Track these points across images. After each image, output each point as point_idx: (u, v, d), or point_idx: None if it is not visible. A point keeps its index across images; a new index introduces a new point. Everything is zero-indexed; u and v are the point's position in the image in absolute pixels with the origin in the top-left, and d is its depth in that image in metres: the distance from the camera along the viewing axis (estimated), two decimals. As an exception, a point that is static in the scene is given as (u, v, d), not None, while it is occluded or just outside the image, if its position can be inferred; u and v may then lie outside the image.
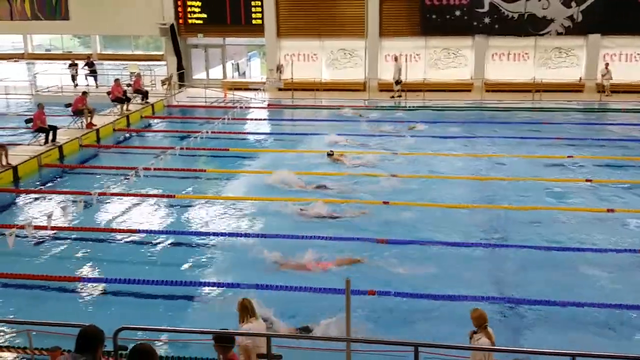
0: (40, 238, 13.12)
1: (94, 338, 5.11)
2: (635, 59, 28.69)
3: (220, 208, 14.95)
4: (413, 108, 26.06)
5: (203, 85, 28.99)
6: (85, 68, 31.51)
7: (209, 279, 11.21)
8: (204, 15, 30.65)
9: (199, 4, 30.53)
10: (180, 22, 30.97)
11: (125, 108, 24.51)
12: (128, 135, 23.25)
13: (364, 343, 7.85)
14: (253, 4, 30.03)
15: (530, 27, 28.44)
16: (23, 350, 8.56)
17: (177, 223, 14.14)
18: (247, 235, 13.02)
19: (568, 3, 27.94)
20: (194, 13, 30.71)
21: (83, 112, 21.86)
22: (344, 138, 20.79)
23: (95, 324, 5.28)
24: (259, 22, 30.19)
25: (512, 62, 29.55)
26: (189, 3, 30.60)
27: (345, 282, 7.08)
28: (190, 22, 30.89)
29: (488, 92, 27.94)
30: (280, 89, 29.32)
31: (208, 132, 19.52)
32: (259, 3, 29.95)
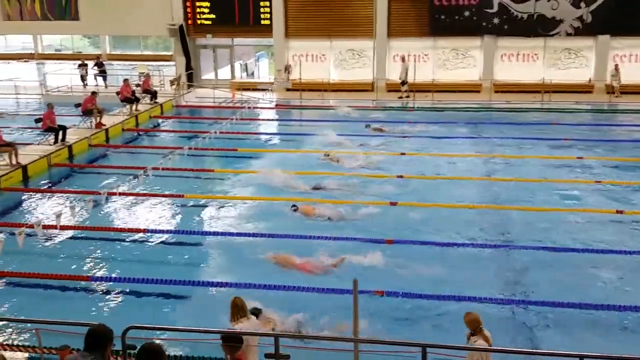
0: (50, 237, 13.17)
1: (103, 337, 5.13)
2: (645, 60, 28.59)
3: (229, 208, 14.96)
4: (421, 108, 26.04)
5: (211, 86, 29.07)
6: (95, 68, 31.64)
7: (218, 279, 11.20)
8: (213, 16, 30.73)
9: (208, 5, 30.61)
10: (189, 22, 31.06)
11: (134, 108, 24.60)
12: (137, 135, 23.34)
13: (372, 343, 7.84)
14: (261, 5, 30.09)
15: (540, 27, 28.34)
16: (32, 349, 8.59)
17: (185, 223, 14.17)
18: (254, 235, 13.02)
19: (577, 4, 27.83)
20: (203, 14, 30.79)
21: (92, 112, 21.95)
22: (345, 138, 20.86)
23: (104, 323, 5.30)
24: (267, 22, 30.25)
25: (521, 62, 29.46)
26: (198, 4, 30.69)
27: (353, 282, 7.08)
28: (199, 22, 30.97)
29: (497, 92, 27.87)
30: (288, 90, 29.34)
31: (216, 132, 19.56)
32: (268, 4, 30.01)
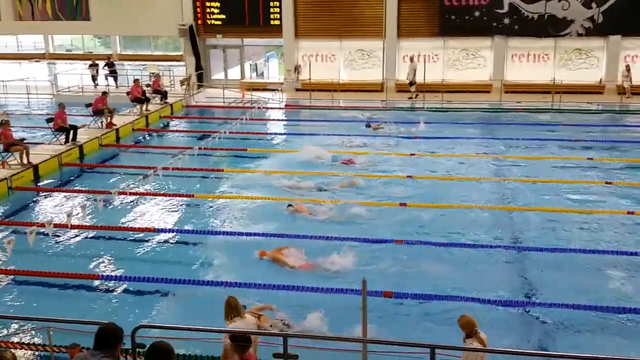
0: (60, 236, 13.25)
1: (113, 336, 5.16)
2: (657, 61, 28.43)
3: (238, 207, 14.98)
4: (431, 109, 26.01)
5: (221, 86, 29.13)
6: (106, 68, 31.81)
7: (227, 278, 11.21)
8: (223, 16, 30.82)
9: (218, 5, 30.71)
10: (199, 23, 31.16)
11: (145, 108, 24.69)
12: (147, 135, 23.44)
13: (380, 344, 7.85)
14: (271, 5, 30.15)
15: (550, 28, 28.24)
16: (42, 348, 8.65)
17: (195, 222, 14.21)
18: (263, 235, 13.03)
19: (588, 4, 27.69)
20: (213, 14, 30.89)
21: (103, 112, 22.06)
22: (352, 139, 20.91)
23: (114, 322, 5.33)
24: (277, 22, 30.31)
25: (531, 63, 29.38)
26: (208, 4, 30.79)
27: (362, 282, 7.09)
28: (209, 22, 31.07)
29: (507, 93, 27.77)
30: (298, 90, 29.38)
31: (226, 132, 19.63)
32: (277, 4, 30.06)
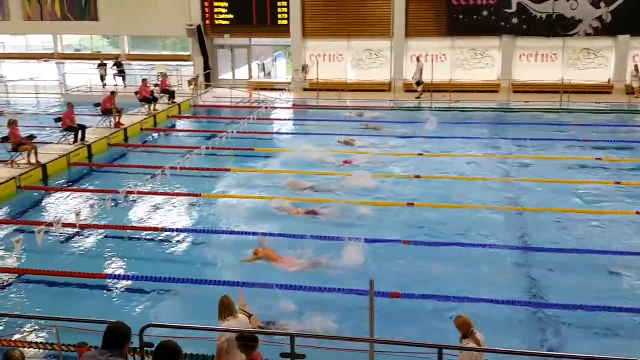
0: (69, 235, 13.30)
1: (121, 335, 5.17)
2: (666, 60, 28.27)
3: (245, 207, 14.98)
4: (439, 109, 25.98)
5: (229, 86, 29.20)
6: (114, 68, 31.91)
7: (235, 278, 11.20)
8: (231, 16, 30.88)
9: (226, 5, 30.76)
10: (207, 23, 31.23)
11: (153, 108, 24.76)
12: (155, 135, 23.50)
13: (388, 344, 7.83)
14: (279, 5, 30.19)
15: (559, 27, 28.14)
16: (51, 346, 8.68)
17: (203, 222, 14.24)
18: (272, 235, 13.03)
19: (597, 4, 27.59)
20: (221, 14, 30.96)
21: (111, 111, 22.13)
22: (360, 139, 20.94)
23: (122, 321, 5.35)
24: (285, 22, 30.35)
25: (540, 63, 29.30)
26: (216, 4, 30.86)
27: (370, 283, 7.09)
28: (217, 22, 31.15)
29: (515, 93, 27.71)
30: (306, 90, 29.41)
31: (234, 132, 19.67)
32: (285, 4, 30.10)
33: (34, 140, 18.15)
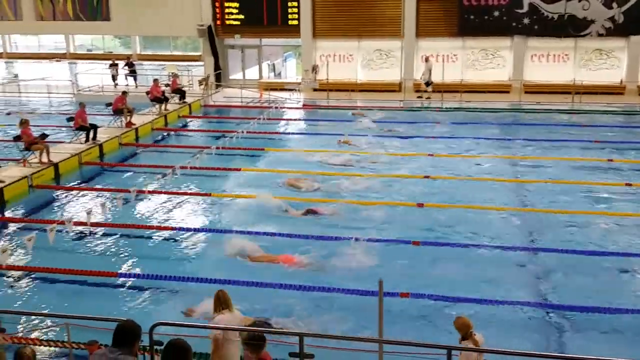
0: (80, 234, 13.38)
1: (131, 333, 5.21)
2: (679, 61, 28.07)
3: (255, 206, 14.99)
4: (449, 109, 25.93)
5: (239, 86, 29.24)
6: (125, 68, 32.05)
7: (245, 277, 11.23)
8: (242, 16, 30.93)
9: (237, 5, 30.82)
10: (218, 23, 31.30)
11: (164, 108, 24.86)
12: (166, 135, 23.59)
13: (397, 345, 7.83)
14: (290, 5, 30.21)
15: (571, 28, 27.99)
16: (61, 344, 8.73)
17: (213, 221, 14.28)
18: (280, 235, 13.05)
19: (609, 4, 27.42)
20: (232, 14, 31.01)
21: (123, 111, 22.24)
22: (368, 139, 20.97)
23: (132, 319, 5.38)
24: (295, 22, 30.36)
25: (551, 63, 29.14)
26: (227, 4, 30.91)
27: (379, 283, 7.09)
28: (228, 23, 31.20)
29: (527, 93, 27.58)
30: (316, 90, 29.42)
31: (244, 131, 19.71)
32: (296, 4, 30.11)
33: (46, 139, 18.24)
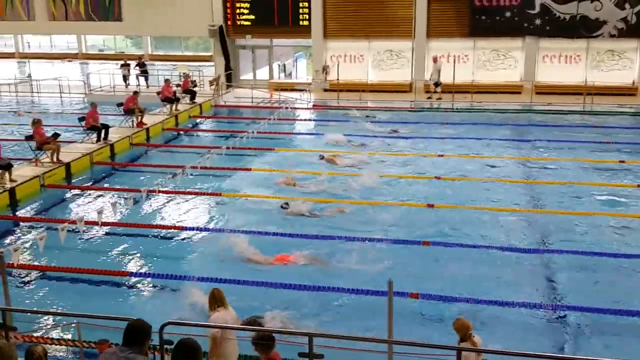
0: (91, 233, 13.45)
1: (142, 332, 5.23)
2: (693, 62, 27.86)
3: (265, 206, 15.02)
4: (460, 109, 25.86)
5: (250, 86, 29.30)
6: (137, 68, 32.18)
7: (255, 277, 11.26)
8: (252, 17, 30.97)
9: (248, 6, 30.87)
10: (229, 23, 31.36)
11: (175, 108, 24.94)
12: (177, 135, 23.67)
13: (406, 345, 7.81)
14: (300, 5, 30.22)
15: (583, 28, 27.83)
16: (72, 343, 8.79)
17: (223, 221, 14.31)
18: (290, 235, 13.06)
19: (621, 5, 27.24)
20: (243, 14, 31.05)
21: (134, 111, 22.33)
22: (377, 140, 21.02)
23: (142, 319, 5.40)
24: (306, 23, 30.37)
25: (563, 64, 28.98)
26: (238, 5, 30.96)
27: (388, 283, 7.08)
28: (239, 23, 31.25)
29: (538, 94, 27.45)
30: (326, 90, 29.41)
31: (254, 131, 19.74)
32: (306, 4, 30.12)
33: (58, 139, 18.34)
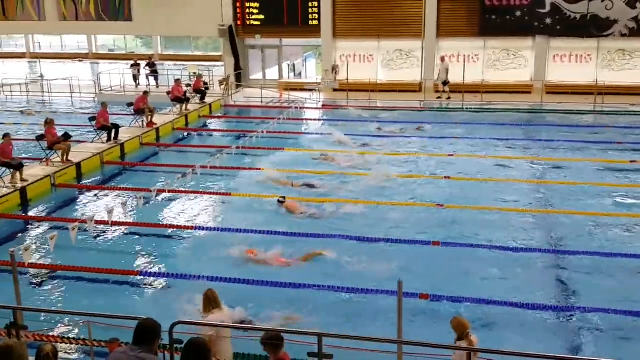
0: (101, 233, 13.50)
1: (152, 331, 5.24)
2: None
3: (274, 206, 15.02)
4: (470, 109, 25.78)
5: (259, 86, 29.33)
6: (147, 68, 32.29)
7: (263, 277, 11.27)
8: (262, 17, 31.01)
9: (257, 5, 30.90)
10: (239, 23, 31.40)
11: (185, 108, 25.00)
12: (186, 134, 23.73)
13: (416, 346, 7.80)
14: (310, 5, 30.22)
15: (593, 28, 27.69)
16: (82, 341, 8.82)
17: (232, 220, 14.31)
18: (299, 235, 13.07)
19: (633, 4, 27.09)
20: (253, 14, 31.09)
21: (144, 111, 22.40)
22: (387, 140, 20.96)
23: (152, 318, 5.41)
24: (316, 23, 30.37)
25: (573, 63, 28.84)
26: (248, 4, 31.00)
27: (398, 284, 7.07)
28: (249, 23, 31.29)
29: (548, 94, 27.33)
30: (335, 90, 29.40)
31: (264, 131, 19.75)
32: (316, 4, 30.12)
33: (69, 139, 18.42)
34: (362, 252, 12.06)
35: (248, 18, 31.23)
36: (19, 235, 13.72)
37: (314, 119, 26.00)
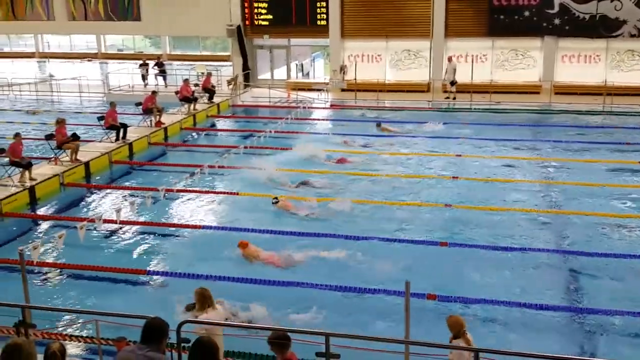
0: (110, 231, 13.55)
1: (159, 330, 5.26)
2: None
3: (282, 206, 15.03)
4: (478, 109, 25.72)
5: (267, 86, 29.36)
6: (155, 68, 32.38)
7: (271, 276, 11.27)
8: (270, 17, 31.03)
9: (266, 6, 30.93)
10: (247, 23, 31.44)
11: (193, 107, 25.05)
12: (194, 134, 23.78)
13: (423, 346, 7.78)
14: (318, 5, 30.23)
15: (602, 28, 27.57)
16: (90, 340, 8.86)
17: (240, 220, 14.33)
18: (307, 235, 13.07)
19: (643, 4, 26.98)
20: (261, 14, 31.12)
21: (152, 110, 22.46)
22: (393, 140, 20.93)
23: (160, 317, 5.43)
24: (324, 23, 30.37)
25: (582, 64, 28.72)
26: (256, 4, 31.03)
27: (405, 284, 7.06)
28: (257, 23, 31.32)
29: (557, 94, 27.23)
30: (344, 90, 29.39)
31: (272, 131, 19.76)
32: (324, 4, 30.12)
33: (78, 139, 18.48)
34: (369, 252, 12.04)
35: (256, 18, 31.27)
36: (28, 234, 13.78)
37: (322, 119, 25.98)
